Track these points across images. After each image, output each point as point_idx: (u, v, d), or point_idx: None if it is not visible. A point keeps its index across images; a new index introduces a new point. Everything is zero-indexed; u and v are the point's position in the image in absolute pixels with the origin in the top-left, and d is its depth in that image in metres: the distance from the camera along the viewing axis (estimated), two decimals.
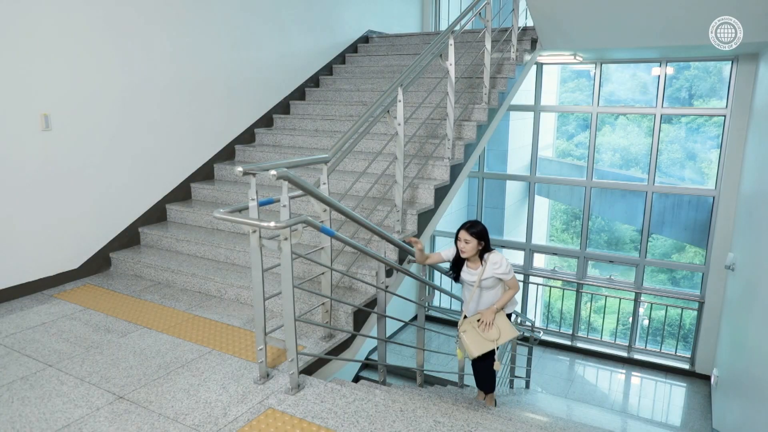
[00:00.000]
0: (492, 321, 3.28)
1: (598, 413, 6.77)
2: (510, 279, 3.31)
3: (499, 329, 3.28)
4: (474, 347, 3.27)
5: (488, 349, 3.28)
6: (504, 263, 3.25)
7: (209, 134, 5.17)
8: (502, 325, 3.31)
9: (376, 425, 2.37)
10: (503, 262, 3.26)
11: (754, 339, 4.86)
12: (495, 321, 3.29)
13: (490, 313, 3.29)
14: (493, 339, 3.27)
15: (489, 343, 3.27)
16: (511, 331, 3.33)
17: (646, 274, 8.56)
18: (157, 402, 2.54)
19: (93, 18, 4.03)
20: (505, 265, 3.26)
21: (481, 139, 5.06)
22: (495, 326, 3.28)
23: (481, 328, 3.28)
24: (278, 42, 5.79)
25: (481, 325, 3.28)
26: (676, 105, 8.43)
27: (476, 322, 3.31)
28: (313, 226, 2.59)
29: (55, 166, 3.91)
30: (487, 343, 3.27)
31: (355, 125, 3.37)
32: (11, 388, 2.68)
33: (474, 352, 3.28)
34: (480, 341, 3.28)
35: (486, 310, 3.31)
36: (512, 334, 3.33)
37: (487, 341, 3.27)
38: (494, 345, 3.26)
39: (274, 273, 3.25)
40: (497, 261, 3.25)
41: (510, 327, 3.35)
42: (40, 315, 3.52)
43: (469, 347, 3.28)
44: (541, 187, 9.38)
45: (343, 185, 4.43)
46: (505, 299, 3.32)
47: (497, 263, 3.24)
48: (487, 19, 4.93)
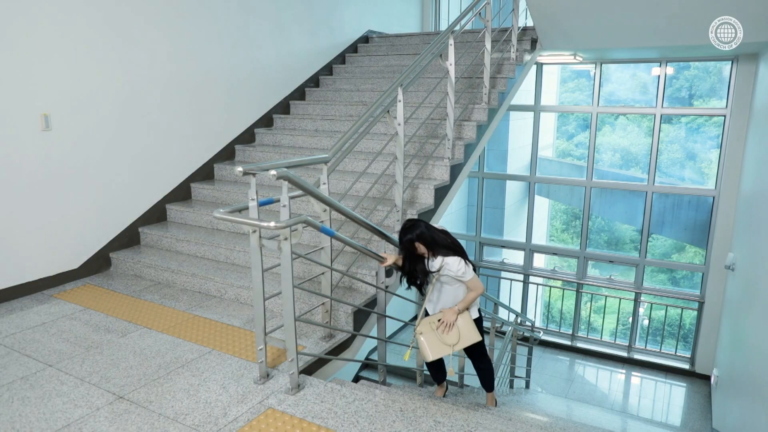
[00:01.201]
0: (453, 322, 3.04)
1: (598, 413, 6.77)
2: (469, 280, 3.05)
3: (459, 333, 3.04)
4: (430, 350, 3.02)
5: (444, 353, 3.05)
6: (456, 265, 2.98)
7: (209, 134, 5.17)
8: (464, 328, 3.07)
9: (376, 425, 2.37)
10: (455, 264, 2.99)
11: (754, 339, 4.86)
12: (457, 323, 3.05)
13: (452, 313, 3.04)
14: (450, 343, 3.03)
15: (446, 347, 3.03)
16: (471, 335, 3.09)
17: (646, 274, 8.57)
18: (157, 402, 2.54)
19: (93, 18, 4.03)
20: (456, 267, 2.99)
21: (481, 139, 5.06)
22: (456, 329, 3.05)
23: (440, 329, 3.04)
24: (278, 42, 5.79)
25: (440, 326, 3.04)
26: (676, 105, 8.43)
27: (436, 322, 3.06)
28: (313, 226, 2.59)
29: (55, 166, 3.91)
30: (444, 348, 3.03)
31: (355, 125, 3.37)
32: (11, 388, 2.68)
33: (429, 356, 3.04)
34: (437, 344, 3.04)
35: (448, 310, 3.06)
36: (472, 339, 3.09)
37: (444, 345, 3.03)
38: (451, 350, 3.03)
39: (274, 273, 3.25)
40: (450, 263, 2.99)
41: (472, 331, 3.09)
42: (40, 315, 3.53)
43: (425, 350, 3.04)
44: (541, 187, 9.38)
45: (343, 185, 4.43)
46: (468, 300, 3.08)
47: (450, 264, 2.99)
48: (487, 19, 4.93)
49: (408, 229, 2.98)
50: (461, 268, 3.00)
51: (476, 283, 3.07)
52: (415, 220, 3.05)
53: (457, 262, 2.99)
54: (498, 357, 5.37)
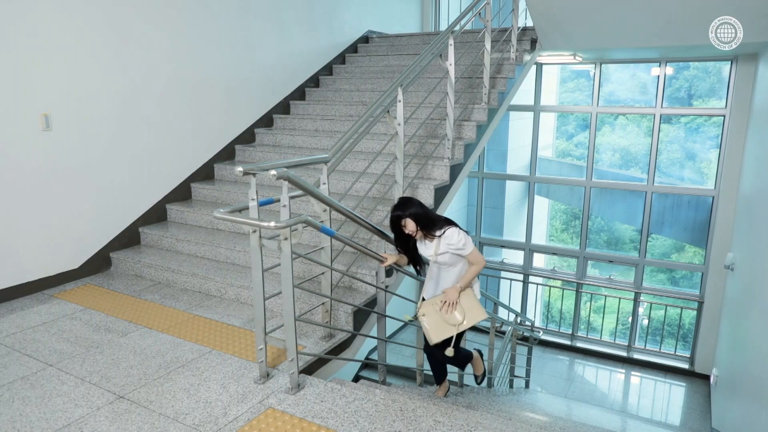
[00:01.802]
0: (455, 300, 2.90)
1: (597, 413, 6.78)
2: (470, 253, 2.90)
3: (464, 311, 2.90)
4: (434, 332, 2.91)
5: (449, 334, 2.92)
6: (455, 236, 2.85)
7: (209, 134, 5.17)
8: (468, 307, 2.92)
9: (376, 425, 2.37)
10: (455, 236, 2.86)
11: (753, 338, 4.87)
12: (460, 301, 2.92)
13: (453, 291, 2.90)
14: (455, 323, 2.89)
15: (450, 327, 2.90)
16: (477, 313, 2.94)
17: (646, 273, 8.58)
18: (157, 402, 2.54)
19: (93, 18, 4.03)
20: (456, 238, 2.85)
21: (481, 139, 5.06)
22: (459, 308, 2.91)
23: (443, 309, 2.90)
24: (278, 42, 5.79)
25: (444, 306, 2.90)
26: (675, 105, 8.44)
27: (439, 303, 2.93)
28: (313, 226, 2.59)
29: (55, 166, 3.91)
30: (448, 328, 2.90)
31: (355, 125, 3.38)
32: (12, 388, 2.68)
33: (433, 338, 2.92)
34: (441, 325, 2.91)
35: (449, 289, 2.93)
36: (479, 317, 2.94)
37: (448, 325, 2.90)
38: (456, 330, 2.90)
39: (274, 273, 3.25)
40: (449, 235, 2.86)
41: (477, 308, 2.95)
42: (41, 315, 3.53)
43: (428, 332, 2.92)
44: (540, 187, 9.38)
45: (343, 185, 4.44)
46: (470, 276, 2.93)
47: (449, 236, 2.86)
48: (487, 19, 4.93)
49: (399, 206, 2.88)
50: (461, 239, 2.86)
51: (477, 256, 2.92)
52: (409, 198, 2.95)
53: (457, 233, 2.87)
54: (498, 357, 5.38)
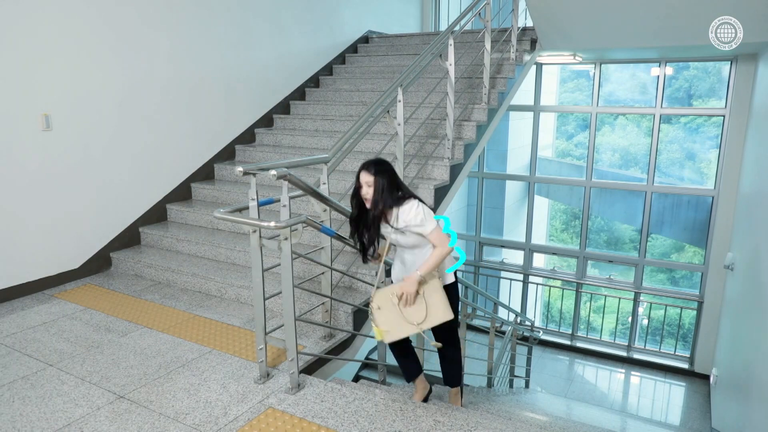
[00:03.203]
0: (414, 293, 2.38)
1: (597, 413, 6.78)
2: (430, 232, 2.37)
3: (426, 307, 2.38)
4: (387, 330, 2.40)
5: (406, 334, 2.44)
6: (413, 210, 2.37)
7: (209, 134, 5.18)
8: (432, 301, 2.39)
9: (376, 425, 2.38)
10: (412, 210, 2.37)
11: (753, 338, 4.87)
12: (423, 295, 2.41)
13: (411, 282, 2.37)
14: (415, 322, 2.38)
15: (408, 326, 2.40)
16: (440, 311, 2.41)
17: (646, 273, 8.58)
18: (157, 401, 2.55)
19: (93, 19, 4.04)
20: (414, 212, 2.36)
21: (481, 139, 5.07)
22: (421, 301, 2.39)
23: (401, 303, 2.40)
24: (278, 42, 5.79)
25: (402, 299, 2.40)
26: (675, 105, 8.44)
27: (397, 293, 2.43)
28: (313, 226, 2.60)
29: (55, 166, 3.91)
30: (406, 326, 2.40)
31: (355, 125, 3.38)
32: (12, 388, 2.68)
33: (386, 337, 2.42)
34: (398, 322, 2.40)
35: (408, 278, 2.40)
36: (441, 317, 2.42)
37: (406, 324, 2.40)
38: (416, 329, 2.40)
39: (274, 273, 3.25)
40: (405, 210, 2.38)
41: (442, 305, 2.41)
42: (41, 315, 3.53)
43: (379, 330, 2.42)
44: (540, 187, 9.39)
45: (343, 185, 4.44)
46: (432, 261, 2.37)
47: (405, 211, 2.38)
48: (487, 20, 4.94)
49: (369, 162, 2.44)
50: (420, 214, 2.36)
51: (440, 237, 2.38)
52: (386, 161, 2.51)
53: (415, 206, 2.38)
54: (498, 356, 5.38)
